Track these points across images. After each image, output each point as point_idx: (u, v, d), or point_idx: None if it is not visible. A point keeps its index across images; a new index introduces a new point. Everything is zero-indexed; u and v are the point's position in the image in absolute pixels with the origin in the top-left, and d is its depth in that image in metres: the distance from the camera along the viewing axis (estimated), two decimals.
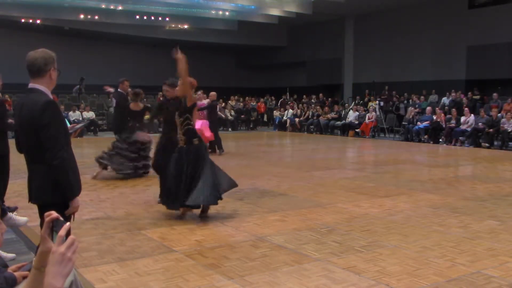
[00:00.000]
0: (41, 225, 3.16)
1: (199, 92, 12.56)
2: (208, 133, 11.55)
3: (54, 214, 1.58)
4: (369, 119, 18.67)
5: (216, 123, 12.74)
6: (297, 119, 21.61)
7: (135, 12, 22.12)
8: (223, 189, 5.79)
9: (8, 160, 5.89)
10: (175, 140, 5.86)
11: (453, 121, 15.82)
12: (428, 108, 17.20)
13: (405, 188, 7.75)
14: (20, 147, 3.17)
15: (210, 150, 11.02)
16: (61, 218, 1.58)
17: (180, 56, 5.41)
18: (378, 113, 18.82)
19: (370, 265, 4.14)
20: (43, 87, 3.00)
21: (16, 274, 2.17)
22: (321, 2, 20.44)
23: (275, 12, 22.30)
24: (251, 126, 22.73)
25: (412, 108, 18.27)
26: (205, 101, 12.63)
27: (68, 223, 1.53)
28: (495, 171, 9.94)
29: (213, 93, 12.74)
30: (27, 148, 3.09)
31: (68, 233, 1.51)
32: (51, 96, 3.04)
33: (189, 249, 4.61)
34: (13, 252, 4.33)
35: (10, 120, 5.50)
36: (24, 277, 2.18)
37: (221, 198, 5.73)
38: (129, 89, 9.01)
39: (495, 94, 17.71)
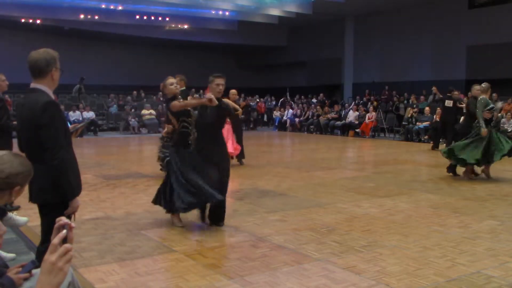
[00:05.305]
0: (41, 224, 3.17)
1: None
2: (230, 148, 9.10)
3: (64, 219, 1.55)
4: (369, 119, 18.68)
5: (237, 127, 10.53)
6: (297, 119, 21.62)
7: (135, 12, 22.14)
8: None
9: None
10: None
11: None
12: (427, 109, 17.19)
13: (405, 188, 7.74)
14: (21, 147, 3.18)
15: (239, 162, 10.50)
16: (73, 224, 1.54)
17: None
18: (376, 112, 18.85)
19: (370, 265, 4.14)
20: (44, 87, 3.01)
21: (15, 277, 2.16)
22: (321, 2, 20.44)
23: (275, 12, 22.31)
24: (251, 126, 22.72)
25: (410, 109, 18.26)
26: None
27: (64, 231, 1.49)
28: (495, 171, 9.92)
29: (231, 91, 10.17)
30: (28, 147, 3.09)
31: (64, 241, 1.47)
32: (52, 96, 3.05)
33: (189, 249, 4.61)
34: (13, 252, 4.33)
35: (14, 122, 5.49)
36: (25, 279, 2.18)
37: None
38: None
39: (494, 94, 17.68)
